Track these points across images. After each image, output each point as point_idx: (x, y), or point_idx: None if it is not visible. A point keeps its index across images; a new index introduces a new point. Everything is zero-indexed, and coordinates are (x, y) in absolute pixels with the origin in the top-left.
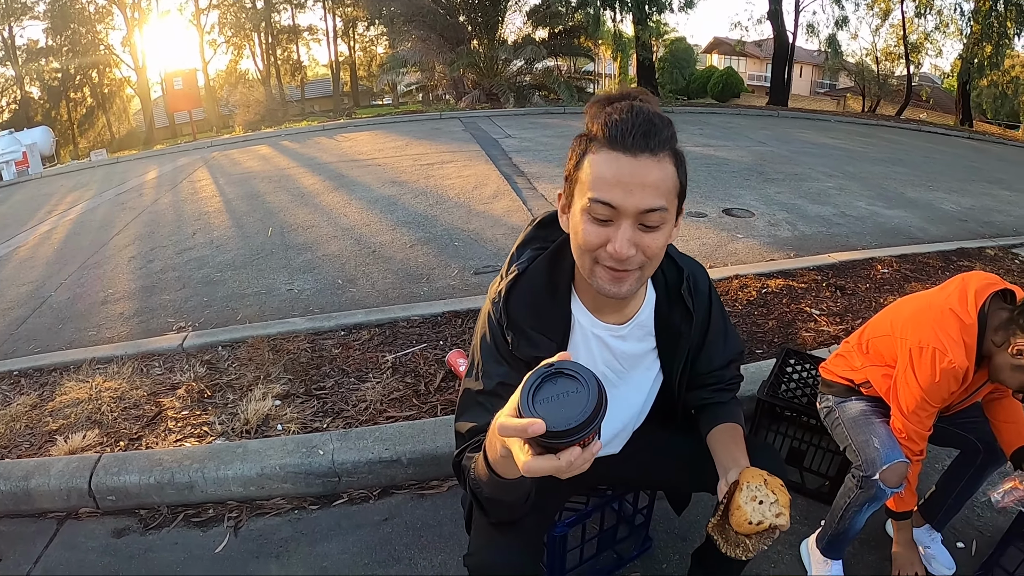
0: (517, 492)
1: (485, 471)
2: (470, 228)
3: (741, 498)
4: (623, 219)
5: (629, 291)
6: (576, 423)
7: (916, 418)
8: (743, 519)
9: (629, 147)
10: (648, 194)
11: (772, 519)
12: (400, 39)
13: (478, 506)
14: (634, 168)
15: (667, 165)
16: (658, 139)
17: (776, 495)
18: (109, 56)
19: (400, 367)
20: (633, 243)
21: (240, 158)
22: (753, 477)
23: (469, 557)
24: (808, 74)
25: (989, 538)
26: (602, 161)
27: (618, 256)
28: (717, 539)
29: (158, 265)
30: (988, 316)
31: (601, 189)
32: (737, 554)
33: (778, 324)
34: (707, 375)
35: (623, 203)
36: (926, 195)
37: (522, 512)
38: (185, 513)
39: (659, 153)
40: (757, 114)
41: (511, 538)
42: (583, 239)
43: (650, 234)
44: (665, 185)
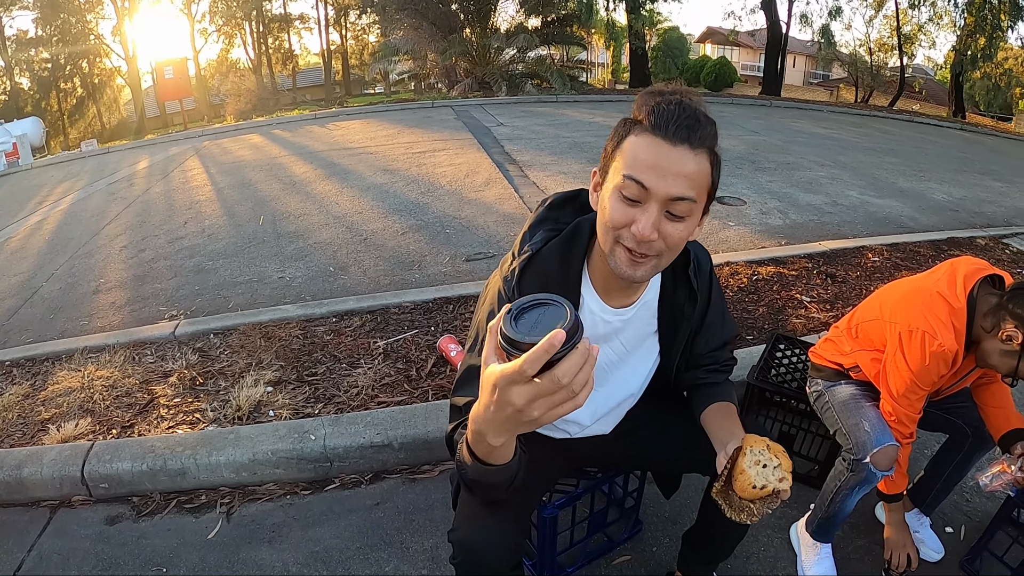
0: (501, 476)
1: (468, 456)
2: (462, 216)
3: (745, 462)
4: (652, 202)
5: (643, 277)
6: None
7: (906, 401)
8: (747, 483)
9: (671, 135)
10: (680, 183)
11: (776, 483)
12: (392, 27)
13: (464, 485)
14: (671, 156)
15: (703, 161)
16: (700, 135)
17: (780, 459)
18: (99, 46)
19: (391, 353)
20: (656, 228)
21: (231, 147)
22: (756, 442)
23: (453, 532)
24: (801, 64)
25: (977, 523)
26: (642, 144)
27: (640, 237)
28: (722, 504)
29: (149, 254)
30: (977, 301)
31: (636, 169)
32: (742, 519)
33: (768, 311)
34: (703, 356)
35: (655, 186)
36: (918, 185)
37: (508, 494)
38: (178, 500)
39: (698, 149)
40: (750, 104)
41: (496, 515)
42: (609, 216)
43: (674, 223)
44: (698, 179)
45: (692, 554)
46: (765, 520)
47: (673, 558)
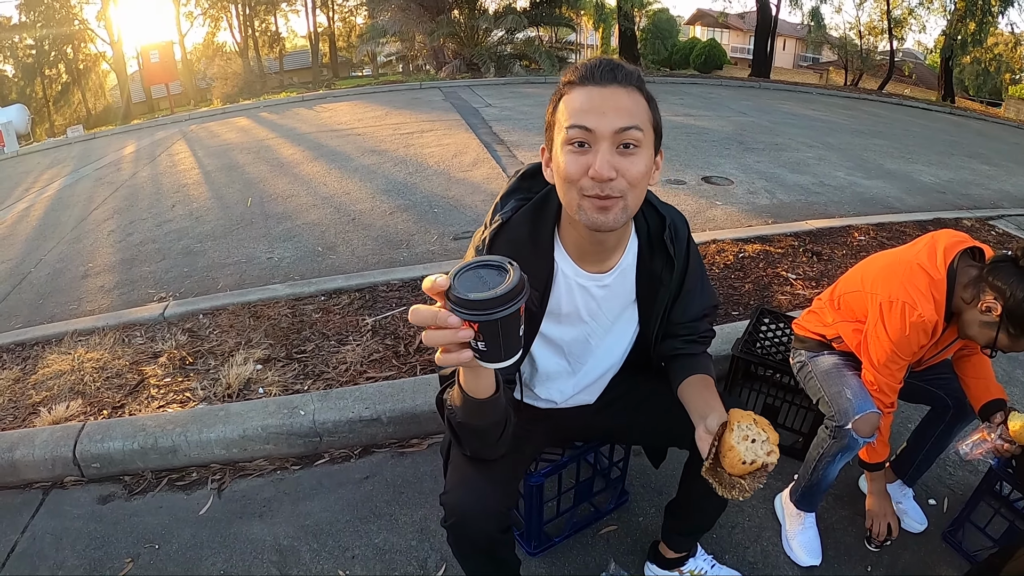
0: (489, 416)
1: (459, 393)
2: (450, 195)
3: (732, 438)
4: (601, 142)
5: (616, 221)
6: (473, 298)
7: (887, 371)
8: (736, 459)
9: (598, 79)
10: (622, 115)
11: (764, 457)
12: (379, 9)
13: (454, 438)
14: (605, 95)
15: (637, 96)
16: (625, 73)
17: (767, 432)
18: (84, 31)
19: (380, 330)
20: (613, 166)
21: (218, 130)
22: (743, 417)
23: (444, 495)
24: (791, 47)
25: (960, 495)
26: (576, 96)
27: (599, 176)
28: (712, 482)
29: (137, 238)
30: (957, 273)
31: (576, 116)
32: (733, 495)
33: (754, 287)
34: (681, 325)
35: (598, 124)
36: (905, 167)
37: (498, 447)
38: (169, 477)
39: (627, 85)
40: (739, 85)
41: (483, 478)
42: (565, 170)
43: (629, 158)
44: (637, 110)
45: (675, 524)
46: None
47: (659, 528)
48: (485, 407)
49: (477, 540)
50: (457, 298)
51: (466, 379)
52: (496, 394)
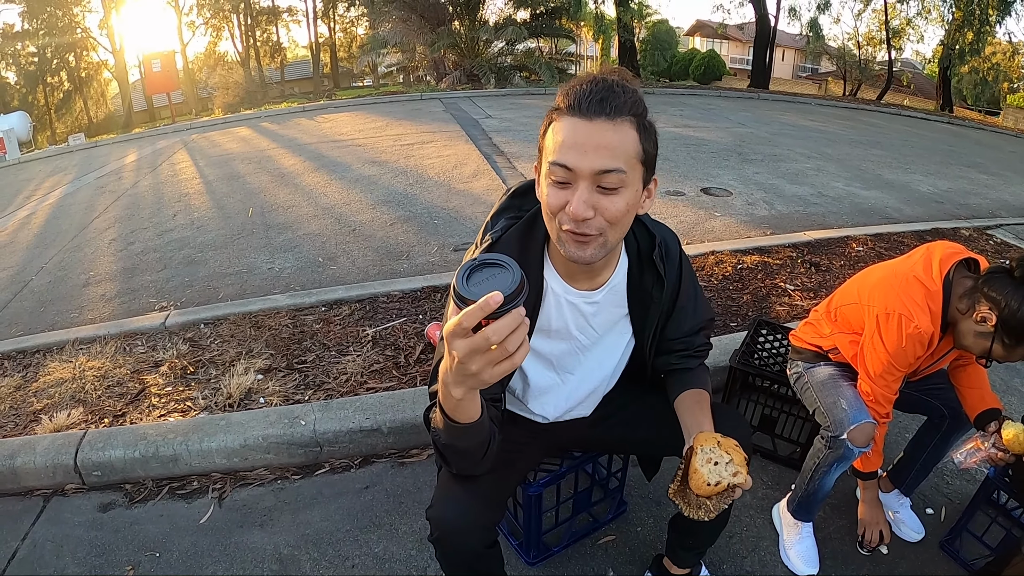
0: (471, 438)
1: (440, 416)
2: (450, 206)
3: (697, 461)
4: (580, 181)
5: (593, 256)
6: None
7: (883, 382)
8: (701, 482)
9: (585, 111)
10: (603, 155)
11: (729, 478)
12: (380, 19)
13: (440, 456)
14: (589, 131)
15: (626, 129)
16: (614, 104)
17: (731, 455)
18: (86, 39)
19: (380, 341)
20: (590, 205)
21: (220, 140)
22: (706, 440)
23: (430, 509)
24: (790, 58)
25: (957, 504)
26: (562, 127)
27: (574, 216)
28: (679, 503)
29: (139, 247)
30: (952, 284)
31: (560, 152)
32: (699, 516)
33: (753, 298)
34: (676, 341)
35: (577, 164)
36: (903, 177)
37: (482, 464)
38: (170, 486)
39: (616, 118)
40: (738, 96)
41: (471, 493)
42: (547, 202)
43: (608, 197)
44: (623, 148)
45: (680, 539)
46: (747, 501)
47: (657, 538)
48: (469, 429)
49: (462, 555)
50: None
51: (448, 404)
52: (479, 419)
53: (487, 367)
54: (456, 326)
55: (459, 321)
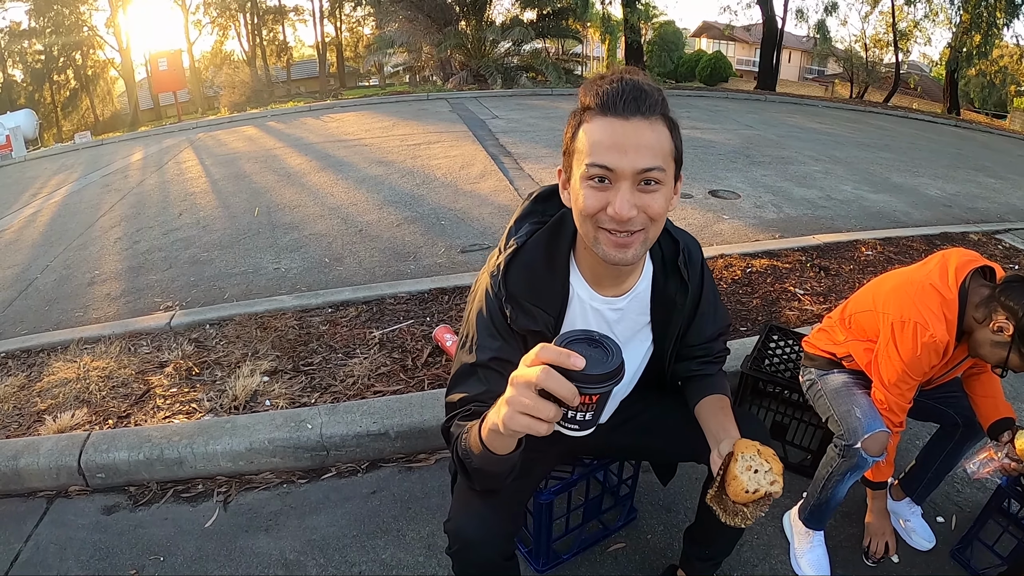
0: (504, 466)
1: (478, 444)
2: (457, 207)
3: (737, 468)
4: (622, 181)
5: (635, 256)
6: (600, 372)
7: (897, 391)
8: (740, 489)
9: (621, 111)
10: (644, 154)
11: (767, 487)
12: (387, 19)
13: (463, 474)
14: (627, 130)
15: (660, 128)
16: (649, 103)
17: (770, 463)
18: (93, 37)
19: (387, 343)
20: (634, 204)
21: (226, 139)
22: (747, 448)
23: (448, 523)
24: (797, 59)
25: (969, 513)
26: (597, 128)
27: (619, 217)
28: (716, 509)
29: (144, 246)
30: (968, 292)
31: (598, 153)
32: (736, 522)
33: (762, 303)
34: (696, 347)
35: (619, 164)
36: (911, 180)
37: (506, 482)
38: (175, 489)
39: (651, 117)
40: (745, 98)
41: (490, 505)
42: (583, 204)
43: (650, 195)
44: (660, 146)
45: (694, 551)
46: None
47: (667, 546)
48: (504, 460)
49: (481, 567)
50: (586, 374)
51: (492, 439)
52: (517, 450)
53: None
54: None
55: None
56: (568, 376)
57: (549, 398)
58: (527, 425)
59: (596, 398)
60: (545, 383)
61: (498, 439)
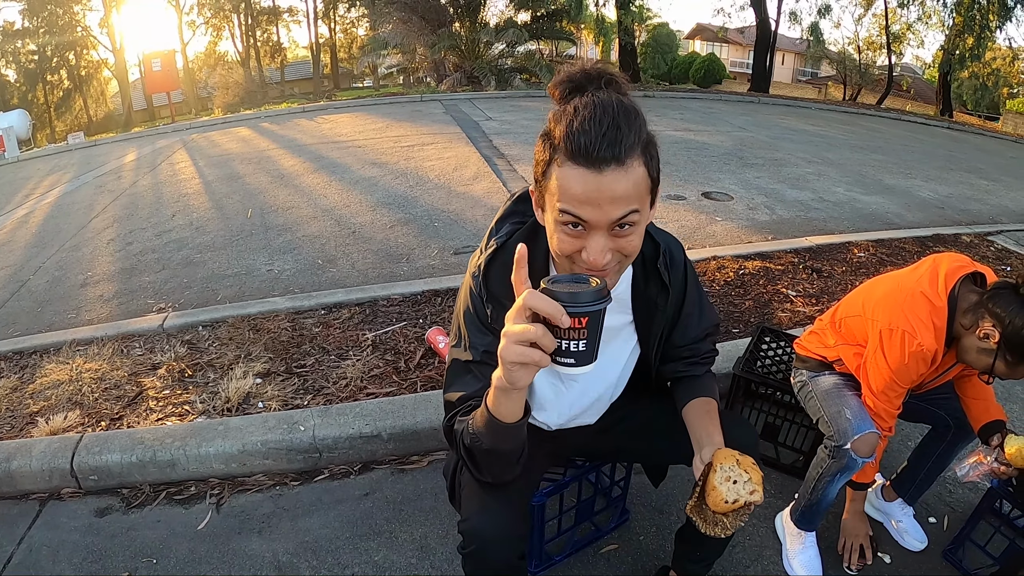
0: (514, 441)
1: (484, 416)
2: (450, 209)
3: (716, 479)
4: (595, 231)
5: (611, 284)
6: (584, 291)
7: (885, 398)
8: (719, 499)
9: (594, 161)
10: (619, 205)
11: (747, 496)
12: (381, 21)
13: (473, 465)
14: (600, 184)
15: (636, 168)
16: (624, 145)
17: (749, 473)
18: (86, 38)
19: (380, 345)
20: (608, 249)
21: (219, 140)
22: (725, 458)
23: (463, 523)
24: (790, 62)
25: (960, 513)
26: (568, 176)
27: (593, 265)
28: (696, 520)
29: (137, 247)
30: (958, 299)
31: (570, 203)
32: (716, 532)
33: (755, 304)
34: (682, 348)
35: (593, 217)
36: (904, 182)
37: (514, 471)
38: (167, 491)
39: (627, 161)
40: (738, 100)
41: (501, 503)
42: (558, 246)
43: (625, 237)
44: (636, 191)
45: (686, 553)
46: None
47: (660, 547)
48: (513, 430)
49: (496, 566)
50: (570, 293)
51: (499, 403)
52: (524, 418)
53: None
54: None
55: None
56: (554, 299)
57: (541, 324)
58: (522, 353)
59: (586, 321)
60: (530, 302)
61: (504, 399)
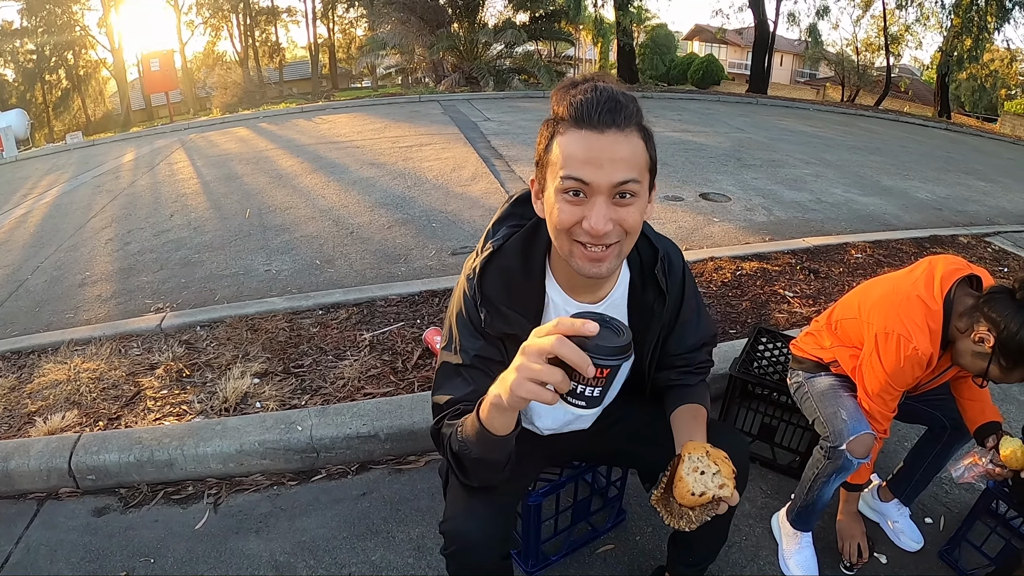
0: (502, 452)
1: (475, 427)
2: (448, 209)
3: (683, 469)
4: (597, 195)
5: (609, 270)
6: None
7: (880, 401)
8: (686, 491)
9: (596, 124)
10: (619, 168)
11: (715, 490)
12: (380, 21)
13: (460, 470)
14: (603, 144)
15: (635, 140)
16: (624, 114)
17: (719, 466)
18: (85, 37)
19: (377, 345)
20: (609, 218)
21: (218, 140)
22: (695, 449)
23: (444, 523)
24: (788, 63)
25: (957, 514)
26: (571, 140)
27: (595, 232)
28: (660, 511)
29: (135, 247)
30: (954, 302)
31: (572, 167)
32: (680, 526)
33: (752, 305)
34: (677, 356)
35: (595, 179)
36: (901, 183)
37: (501, 476)
38: (165, 491)
39: (626, 128)
40: (736, 101)
41: (485, 505)
42: (558, 217)
43: (625, 208)
44: (635, 159)
45: (679, 556)
46: (746, 510)
47: (656, 547)
48: (503, 442)
49: (478, 569)
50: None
51: (492, 418)
52: (516, 430)
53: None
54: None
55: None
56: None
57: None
58: (534, 391)
59: (607, 372)
60: (559, 350)
61: (498, 415)
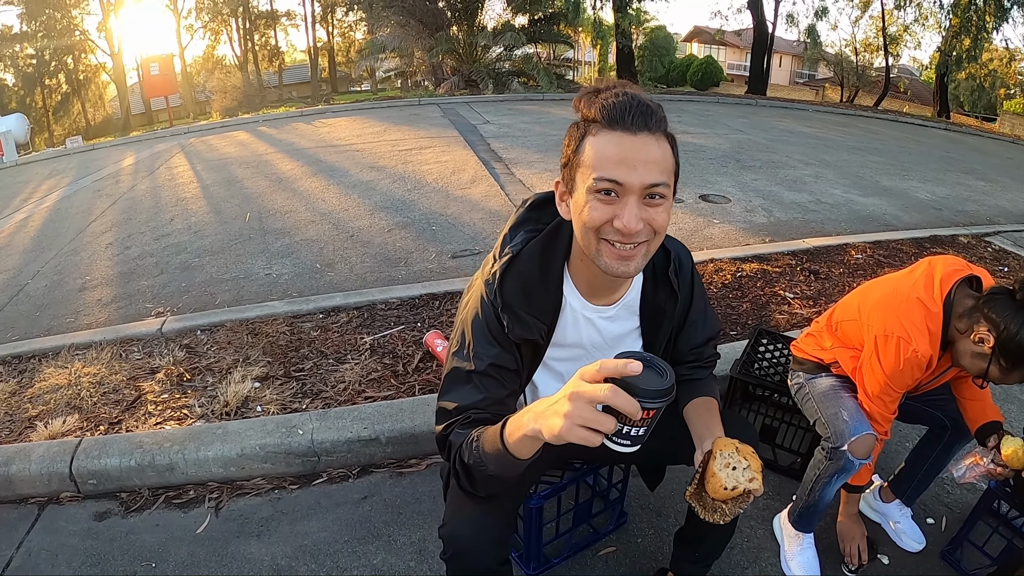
0: (520, 470)
1: (497, 449)
2: (448, 213)
3: (715, 466)
4: (629, 195)
5: (636, 269)
6: (659, 387)
7: (880, 402)
8: (719, 485)
9: (629, 126)
10: (652, 170)
11: (746, 484)
12: (379, 24)
13: (469, 481)
14: (636, 145)
15: (664, 144)
16: (655, 119)
17: (748, 461)
18: (84, 42)
19: (378, 348)
20: (640, 218)
21: (217, 144)
22: (725, 445)
23: (443, 528)
24: (787, 64)
25: (958, 514)
26: (604, 141)
27: (627, 230)
28: (695, 506)
29: (136, 251)
30: (954, 303)
31: (606, 168)
32: (715, 519)
33: (752, 307)
34: (687, 352)
35: (628, 179)
36: (901, 184)
37: (506, 487)
38: (166, 495)
39: (656, 132)
40: (735, 102)
41: (484, 510)
42: (589, 216)
43: (655, 208)
44: (665, 162)
45: (684, 554)
46: (748, 511)
47: (658, 549)
48: (524, 464)
49: (478, 572)
50: (646, 389)
51: (522, 446)
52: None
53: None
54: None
55: (596, 370)
56: (627, 389)
57: (608, 412)
58: (584, 437)
59: (652, 413)
60: (612, 400)
61: (530, 445)
